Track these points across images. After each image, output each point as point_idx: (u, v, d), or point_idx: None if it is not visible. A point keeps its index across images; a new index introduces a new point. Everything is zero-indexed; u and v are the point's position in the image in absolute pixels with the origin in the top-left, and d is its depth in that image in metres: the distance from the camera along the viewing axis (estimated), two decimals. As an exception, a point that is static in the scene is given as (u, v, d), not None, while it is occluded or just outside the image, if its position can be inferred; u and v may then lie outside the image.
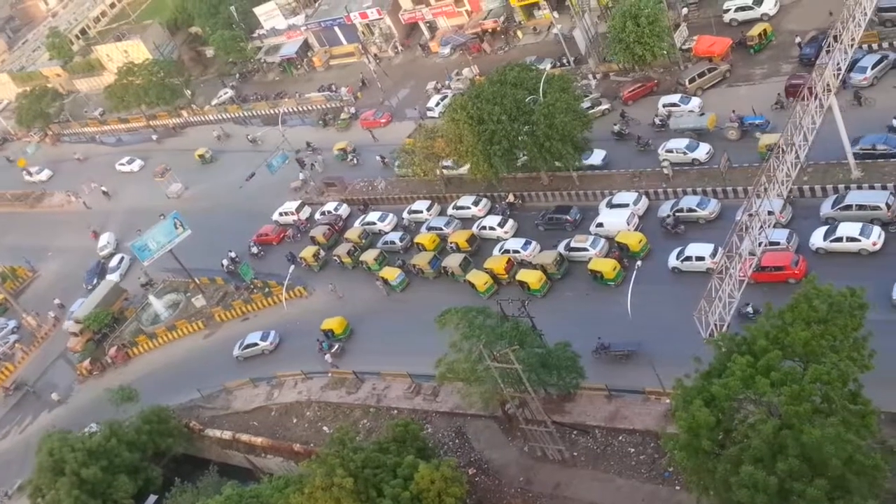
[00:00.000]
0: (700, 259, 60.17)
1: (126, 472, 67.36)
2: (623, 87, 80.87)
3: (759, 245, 51.77)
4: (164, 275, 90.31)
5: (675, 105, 74.86)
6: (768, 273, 55.99)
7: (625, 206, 68.17)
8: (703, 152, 68.90)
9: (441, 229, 76.18)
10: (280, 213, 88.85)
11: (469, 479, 55.15)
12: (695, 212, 64.55)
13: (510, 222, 73.68)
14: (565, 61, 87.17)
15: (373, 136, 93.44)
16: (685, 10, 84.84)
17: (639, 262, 61.42)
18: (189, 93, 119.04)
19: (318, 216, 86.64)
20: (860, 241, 55.94)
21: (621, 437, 54.56)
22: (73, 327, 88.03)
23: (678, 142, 70.09)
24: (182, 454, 72.93)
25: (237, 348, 77.27)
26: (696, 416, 39.73)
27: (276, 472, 64.36)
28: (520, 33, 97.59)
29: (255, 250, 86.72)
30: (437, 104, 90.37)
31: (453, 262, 71.20)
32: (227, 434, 71.18)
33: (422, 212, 79.72)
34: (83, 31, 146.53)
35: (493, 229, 73.63)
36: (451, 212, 78.25)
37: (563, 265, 66.72)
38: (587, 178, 73.53)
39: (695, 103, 74.10)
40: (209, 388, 75.36)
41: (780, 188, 53.02)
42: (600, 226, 67.76)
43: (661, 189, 68.80)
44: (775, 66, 74.53)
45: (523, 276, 66.32)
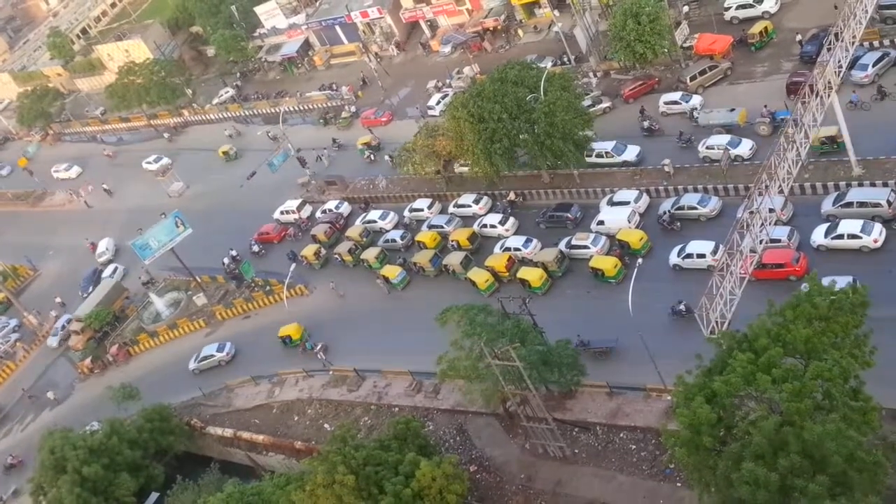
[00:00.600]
0: (701, 256, 60.19)
1: (128, 470, 67.47)
2: (624, 85, 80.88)
3: (760, 242, 51.79)
4: (166, 273, 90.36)
5: (675, 103, 74.90)
6: (769, 270, 55.99)
7: (626, 203, 68.14)
8: (745, 148, 66.40)
9: (442, 227, 76.21)
10: (281, 212, 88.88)
11: (470, 476, 55.29)
12: (696, 209, 64.56)
13: (511, 220, 73.69)
14: (566, 60, 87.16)
15: (372, 135, 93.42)
16: (686, 8, 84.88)
17: (640, 260, 61.39)
18: (190, 92, 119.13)
19: (319, 214, 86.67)
20: (861, 238, 55.95)
21: (622, 434, 54.60)
22: (75, 326, 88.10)
23: (720, 138, 67.99)
24: (183, 452, 72.99)
25: (193, 361, 78.05)
26: (698, 412, 39.78)
27: (278, 470, 64.37)
28: (520, 32, 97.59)
29: (256, 249, 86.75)
30: (438, 103, 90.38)
31: (454, 259, 71.23)
32: (228, 432, 71.28)
33: (423, 210, 79.74)
34: (84, 31, 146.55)
35: (494, 227, 73.64)
36: (452, 210, 78.25)
37: (563, 263, 66.74)
38: (588, 176, 73.52)
39: (695, 101, 74.11)
40: (210, 386, 75.44)
41: (781, 185, 53.03)
42: (601, 223, 67.78)
43: (661, 186, 68.78)
44: (776, 63, 74.55)
45: (524, 273, 66.36)
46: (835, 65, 55.71)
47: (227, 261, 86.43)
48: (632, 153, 72.57)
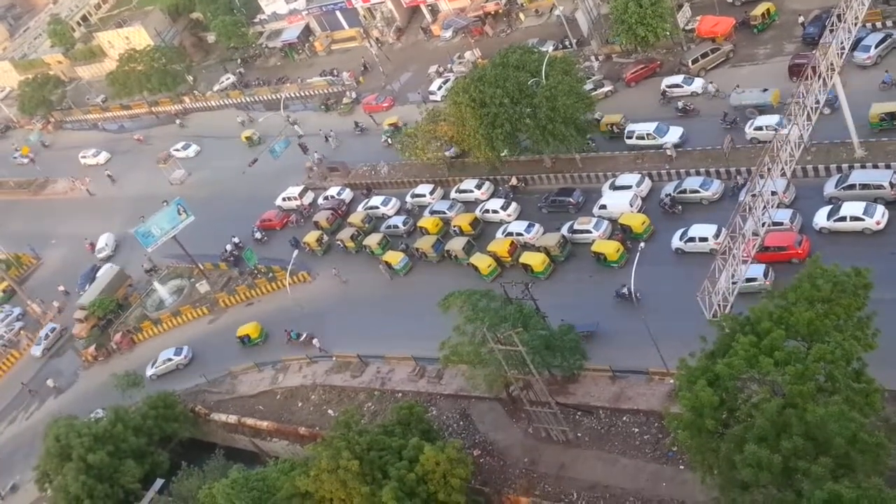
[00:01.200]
0: (703, 240, 60.14)
1: (133, 457, 67.68)
2: (626, 68, 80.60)
3: (763, 225, 51.71)
4: (168, 261, 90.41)
5: (677, 86, 74.65)
6: (772, 253, 55.95)
7: (628, 187, 68.03)
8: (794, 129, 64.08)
9: (444, 213, 76.16)
10: (283, 199, 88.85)
11: (474, 460, 55.39)
12: (698, 192, 64.44)
13: (513, 205, 73.58)
14: (567, 43, 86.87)
15: (374, 121, 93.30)
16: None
17: (642, 244, 61.25)
18: (191, 79, 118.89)
19: (321, 201, 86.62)
20: (864, 220, 55.88)
21: (625, 418, 54.71)
22: (78, 314, 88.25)
23: (768, 118, 65.32)
24: (188, 439, 73.23)
25: (150, 367, 78.66)
26: (700, 395, 39.83)
27: (282, 456, 64.56)
28: (522, 16, 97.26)
29: (258, 235, 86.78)
30: (440, 88, 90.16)
31: (456, 245, 71.21)
32: (232, 418, 71.51)
33: (425, 195, 79.67)
34: (84, 18, 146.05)
35: (496, 212, 73.56)
36: (454, 195, 78.16)
37: (566, 247, 66.72)
38: (590, 161, 73.39)
39: (698, 84, 73.85)
40: (214, 372, 75.65)
41: (784, 168, 52.92)
42: (603, 208, 67.70)
43: (664, 170, 68.66)
44: (779, 45, 74.29)
45: (527, 258, 66.35)
46: (837, 46, 55.50)
47: (229, 247, 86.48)
48: (674, 135, 70.14)
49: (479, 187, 77.04)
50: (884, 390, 41.10)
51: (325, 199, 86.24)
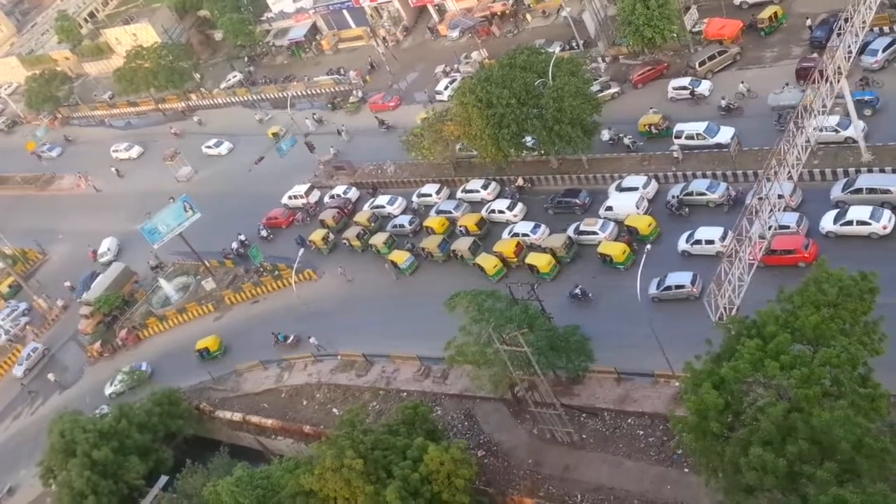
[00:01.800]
0: (710, 242, 60.13)
1: (137, 454, 67.78)
2: (633, 70, 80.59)
3: (770, 228, 51.69)
4: (174, 258, 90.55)
5: (684, 88, 74.61)
6: (779, 256, 55.94)
7: (634, 189, 68.02)
8: (858, 129, 60.99)
9: (450, 213, 76.21)
10: (289, 197, 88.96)
11: (478, 461, 55.43)
12: (704, 195, 64.42)
13: (519, 206, 73.63)
14: (575, 44, 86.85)
15: (378, 121, 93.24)
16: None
17: (648, 246, 61.40)
18: (198, 76, 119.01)
19: (327, 199, 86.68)
20: (870, 224, 55.83)
21: (630, 420, 54.72)
22: (84, 309, 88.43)
23: (829, 119, 61.14)
24: (193, 436, 73.35)
25: (109, 386, 78.75)
26: (705, 398, 39.87)
27: (287, 454, 64.68)
28: (529, 16, 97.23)
29: (264, 233, 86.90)
30: (446, 88, 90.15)
31: (462, 245, 71.28)
32: (237, 416, 71.62)
33: (431, 195, 79.72)
34: (92, 15, 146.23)
35: (502, 213, 73.60)
36: (460, 195, 78.20)
37: (572, 249, 66.76)
38: (596, 162, 73.40)
39: (705, 86, 73.83)
40: (219, 370, 75.74)
41: (790, 171, 52.90)
42: (610, 209, 67.72)
43: (670, 172, 68.65)
44: (786, 48, 74.23)
45: (532, 259, 66.41)
46: (844, 50, 55.45)
47: (235, 245, 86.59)
48: (726, 135, 67.41)
49: (485, 187, 77.09)
50: (890, 395, 41.07)
51: (332, 197, 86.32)
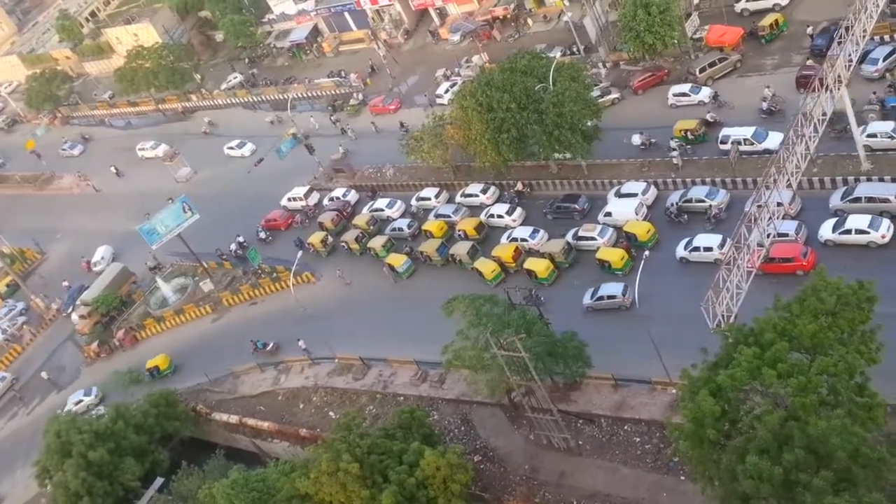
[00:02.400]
0: (708, 249, 60.11)
1: (133, 455, 67.72)
2: (633, 76, 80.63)
3: (768, 236, 51.69)
4: (173, 259, 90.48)
5: (685, 95, 74.62)
6: (777, 264, 55.90)
7: (633, 195, 68.02)
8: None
9: (449, 217, 76.18)
10: (288, 199, 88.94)
11: (474, 466, 55.46)
12: (703, 202, 64.40)
13: (518, 210, 73.64)
14: (575, 50, 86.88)
15: (374, 126, 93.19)
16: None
17: (647, 252, 61.43)
18: (198, 77, 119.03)
19: (326, 202, 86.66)
20: (869, 233, 55.84)
21: (627, 427, 54.68)
22: (82, 309, 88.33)
23: (883, 125, 61.05)
24: (189, 438, 73.31)
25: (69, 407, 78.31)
26: (702, 406, 39.81)
27: (283, 457, 64.46)
28: (530, 21, 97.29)
29: (263, 235, 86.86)
30: (447, 91, 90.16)
31: (461, 249, 71.24)
32: (233, 418, 71.55)
33: (430, 199, 79.70)
34: (93, 14, 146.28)
35: (501, 217, 73.60)
36: (459, 199, 78.20)
37: (570, 254, 66.73)
38: (596, 168, 73.38)
39: (705, 93, 73.84)
40: (216, 372, 75.66)
41: (790, 179, 52.87)
42: (609, 215, 67.70)
43: (669, 179, 68.65)
44: (786, 56, 74.23)
45: (531, 264, 66.37)
46: (845, 59, 55.47)
47: (233, 247, 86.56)
48: (774, 141, 64.14)
49: (484, 192, 77.09)
50: (887, 405, 41.07)
51: (331, 200, 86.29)
